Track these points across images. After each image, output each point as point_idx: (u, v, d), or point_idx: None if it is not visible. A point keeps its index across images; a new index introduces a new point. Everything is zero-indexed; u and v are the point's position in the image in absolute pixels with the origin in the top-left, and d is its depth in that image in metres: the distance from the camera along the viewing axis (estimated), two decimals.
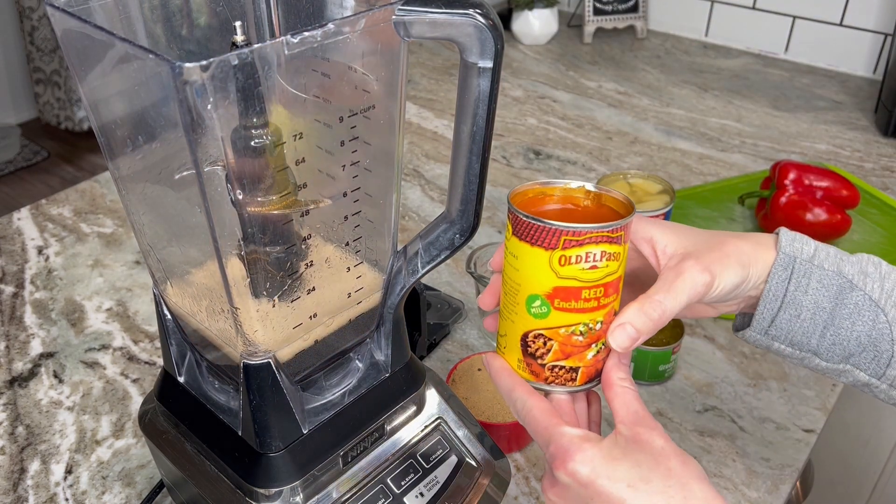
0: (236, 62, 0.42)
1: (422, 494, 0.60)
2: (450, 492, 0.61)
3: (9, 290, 0.99)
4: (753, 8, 1.69)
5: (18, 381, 0.86)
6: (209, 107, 0.42)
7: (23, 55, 3.35)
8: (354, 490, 0.59)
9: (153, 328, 0.93)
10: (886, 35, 1.57)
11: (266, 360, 0.53)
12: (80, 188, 1.21)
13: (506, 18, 1.78)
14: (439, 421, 0.64)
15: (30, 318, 0.95)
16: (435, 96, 1.54)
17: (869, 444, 1.16)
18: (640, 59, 1.71)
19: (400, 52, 0.51)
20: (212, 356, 0.58)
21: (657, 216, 0.93)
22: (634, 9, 1.78)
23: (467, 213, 0.55)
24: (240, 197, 0.47)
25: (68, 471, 0.76)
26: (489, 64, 0.49)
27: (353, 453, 0.59)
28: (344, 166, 0.52)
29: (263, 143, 0.47)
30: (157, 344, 0.91)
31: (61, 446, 0.78)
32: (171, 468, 0.61)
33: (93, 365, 0.88)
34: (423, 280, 0.88)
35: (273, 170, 0.48)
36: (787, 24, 1.67)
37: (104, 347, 0.90)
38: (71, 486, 0.74)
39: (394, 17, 0.48)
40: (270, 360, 0.53)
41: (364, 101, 0.51)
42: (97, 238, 1.09)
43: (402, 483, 0.60)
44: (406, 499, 0.60)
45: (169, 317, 0.59)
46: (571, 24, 1.86)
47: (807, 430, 0.80)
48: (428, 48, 1.76)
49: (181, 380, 0.60)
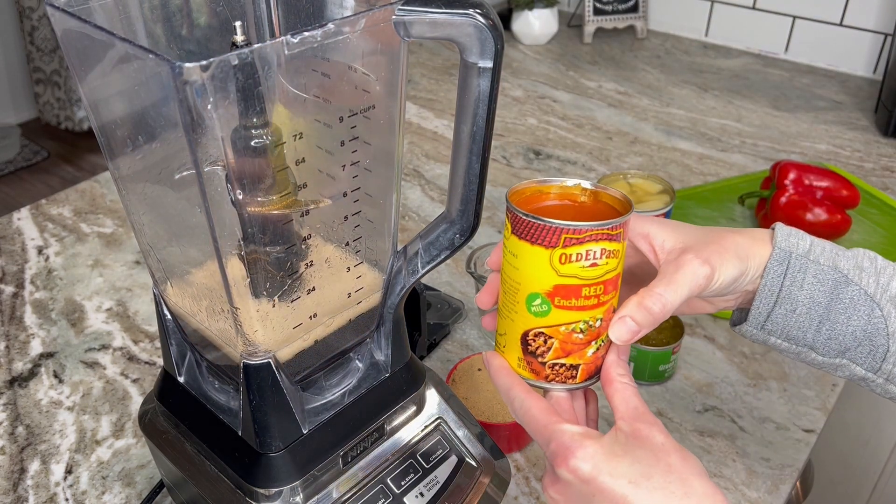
0: (236, 62, 0.42)
1: (422, 494, 0.60)
2: (450, 492, 0.61)
3: (9, 290, 0.99)
4: (753, 8, 1.69)
5: (18, 381, 0.86)
6: (209, 107, 0.42)
7: (23, 55, 3.35)
8: (354, 490, 0.59)
9: (153, 328, 0.93)
10: (886, 35, 1.57)
11: (266, 360, 0.53)
12: (80, 188, 1.21)
13: (506, 18, 1.78)
14: (439, 421, 0.64)
15: (30, 318, 0.95)
16: (435, 96, 1.54)
17: (869, 444, 1.16)
18: (640, 59, 1.71)
19: (400, 52, 0.51)
20: (212, 356, 0.58)
21: (657, 216, 0.93)
22: (634, 9, 1.78)
23: (467, 213, 0.55)
24: (240, 197, 0.47)
25: (68, 471, 0.76)
26: (489, 64, 0.49)
27: (353, 453, 0.59)
28: (344, 166, 0.52)
29: (263, 143, 0.47)
30: (157, 344, 0.91)
31: (61, 446, 0.78)
32: (171, 468, 0.61)
33: (93, 365, 0.88)
34: (423, 280, 0.88)
35: (273, 170, 0.48)
36: (787, 24, 1.67)
37: (104, 347, 0.90)
38: (71, 486, 0.74)
39: (394, 17, 0.48)
40: (270, 360, 0.53)
41: (364, 101, 0.51)
42: (97, 238, 1.09)
43: (402, 483, 0.60)
44: (406, 499, 0.60)
45: (169, 317, 0.59)
46: (571, 24, 1.86)
47: (807, 430, 0.80)
48: (428, 48, 1.76)
49: (181, 380, 0.60)
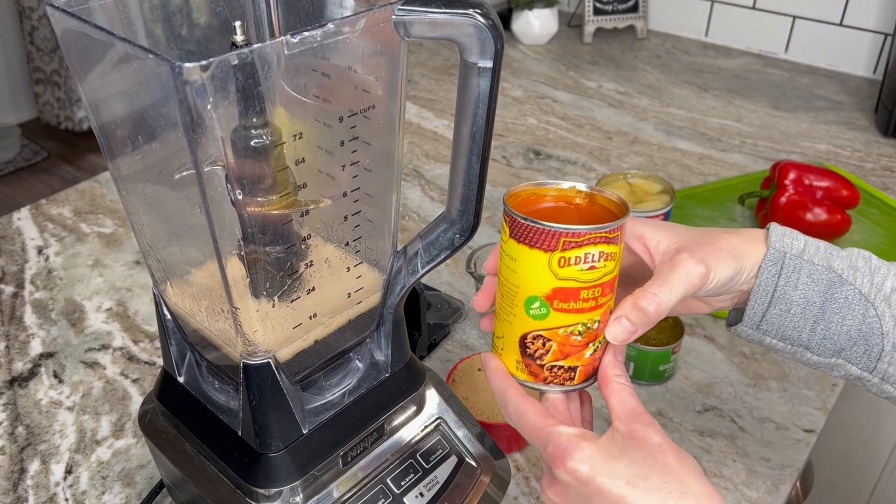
0: (236, 62, 0.42)
1: (422, 494, 0.60)
2: (450, 492, 0.61)
3: (9, 290, 0.99)
4: (753, 8, 1.69)
5: (18, 381, 0.86)
6: (209, 107, 0.42)
7: (23, 55, 3.35)
8: (354, 490, 0.59)
9: (153, 328, 0.93)
10: (886, 35, 1.57)
11: (266, 360, 0.53)
12: (80, 188, 1.21)
13: (506, 18, 1.78)
14: (439, 421, 0.64)
15: (30, 318, 0.95)
16: (435, 96, 1.54)
17: (869, 444, 1.16)
18: (640, 59, 1.71)
19: (400, 52, 0.51)
20: (212, 356, 0.58)
21: (657, 216, 0.93)
22: (634, 9, 1.78)
23: (467, 213, 0.55)
24: (240, 197, 0.47)
25: (68, 471, 0.76)
26: (489, 64, 0.49)
27: (353, 453, 0.59)
28: (344, 166, 0.52)
29: (263, 143, 0.47)
30: (157, 344, 0.91)
31: (61, 446, 0.78)
32: (171, 468, 0.61)
33: (93, 365, 0.88)
34: (423, 280, 0.88)
35: (273, 170, 0.48)
36: (787, 24, 1.67)
37: (104, 347, 0.90)
38: (71, 486, 0.74)
39: (394, 17, 0.48)
40: (270, 360, 0.53)
41: (364, 101, 0.51)
42: (97, 238, 1.09)
43: (402, 483, 0.60)
44: (406, 499, 0.60)
45: (169, 317, 0.59)
46: (571, 24, 1.86)
47: (807, 430, 0.80)
48: (428, 48, 1.76)
49: (181, 380, 0.60)
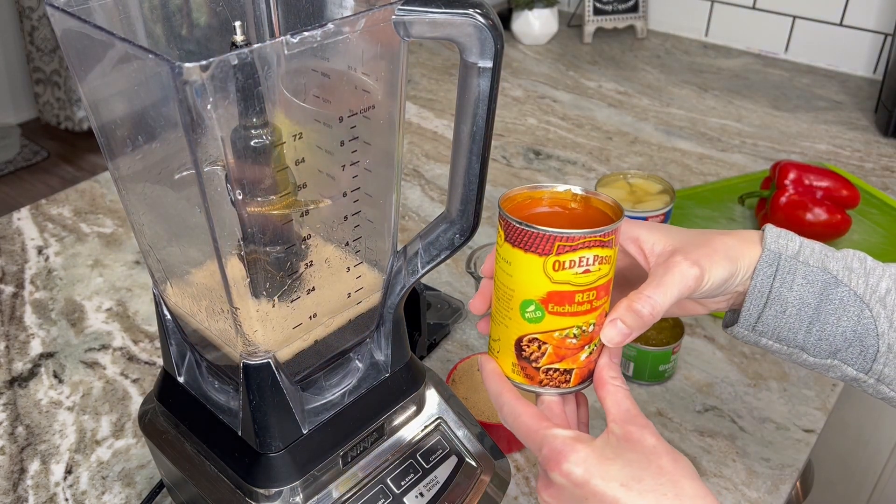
0: (236, 62, 0.42)
1: (422, 494, 0.60)
2: (450, 492, 0.61)
3: (9, 290, 0.99)
4: (753, 8, 1.69)
5: (18, 381, 0.86)
6: (209, 107, 0.42)
7: (23, 55, 3.35)
8: (354, 490, 0.59)
9: (153, 328, 0.93)
10: (886, 35, 1.57)
11: (266, 360, 0.53)
12: (80, 188, 1.21)
13: (506, 18, 1.78)
14: (439, 421, 0.64)
15: (30, 318, 0.95)
16: (435, 96, 1.54)
17: (869, 444, 1.16)
18: (640, 59, 1.71)
19: (400, 52, 0.51)
20: (212, 356, 0.58)
21: (657, 216, 0.93)
22: (634, 9, 1.78)
23: (467, 213, 0.55)
24: (240, 197, 0.47)
25: (68, 471, 0.76)
26: (489, 64, 0.49)
27: (353, 453, 0.59)
28: (344, 166, 0.52)
29: (263, 143, 0.47)
30: (157, 344, 0.91)
31: (61, 446, 0.78)
32: (171, 468, 0.61)
33: (93, 365, 0.88)
34: (423, 280, 0.88)
35: (273, 170, 0.48)
36: (787, 24, 1.67)
37: (104, 347, 0.90)
38: (71, 486, 0.74)
39: (394, 17, 0.48)
40: (270, 360, 0.53)
41: (364, 101, 0.51)
42: (97, 238, 1.09)
43: (402, 483, 0.60)
44: (406, 499, 0.60)
45: (169, 317, 0.59)
46: (571, 24, 1.86)
47: (807, 430, 0.80)
48: (428, 48, 1.76)
49: (181, 380, 0.60)
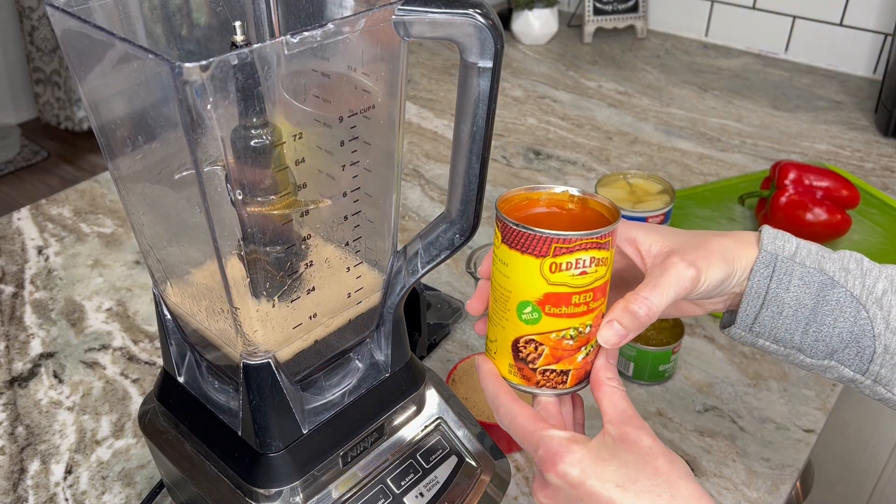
0: (236, 62, 0.42)
1: (422, 494, 0.60)
2: (450, 492, 0.61)
3: (9, 290, 0.99)
4: (753, 8, 1.69)
5: (18, 381, 0.86)
6: (209, 107, 0.42)
7: (23, 55, 3.35)
8: (354, 490, 0.59)
9: (153, 328, 0.93)
10: (886, 35, 1.57)
11: (266, 360, 0.53)
12: (80, 188, 1.21)
13: (506, 18, 1.78)
14: (439, 421, 0.64)
15: (30, 318, 0.95)
16: (435, 96, 1.54)
17: (869, 444, 1.16)
18: (640, 59, 1.71)
19: (400, 52, 0.51)
20: (212, 356, 0.58)
21: (657, 216, 0.93)
22: (634, 9, 1.78)
23: (467, 213, 0.55)
24: (240, 197, 0.47)
25: (68, 471, 0.76)
26: (489, 64, 0.49)
27: (353, 453, 0.59)
28: (344, 166, 0.52)
29: (263, 143, 0.47)
30: (157, 344, 0.91)
31: (61, 446, 0.78)
32: (171, 468, 0.61)
33: (93, 365, 0.88)
34: (423, 280, 0.88)
35: (273, 170, 0.48)
36: (787, 24, 1.67)
37: (104, 347, 0.90)
38: (71, 486, 0.74)
39: (394, 17, 0.48)
40: (270, 360, 0.53)
41: (364, 101, 0.51)
42: (97, 238, 1.09)
43: (402, 483, 0.60)
44: (406, 499, 0.60)
45: (169, 317, 0.59)
46: (571, 24, 1.86)
47: (807, 430, 0.80)
48: (428, 48, 1.76)
49: (181, 380, 0.60)
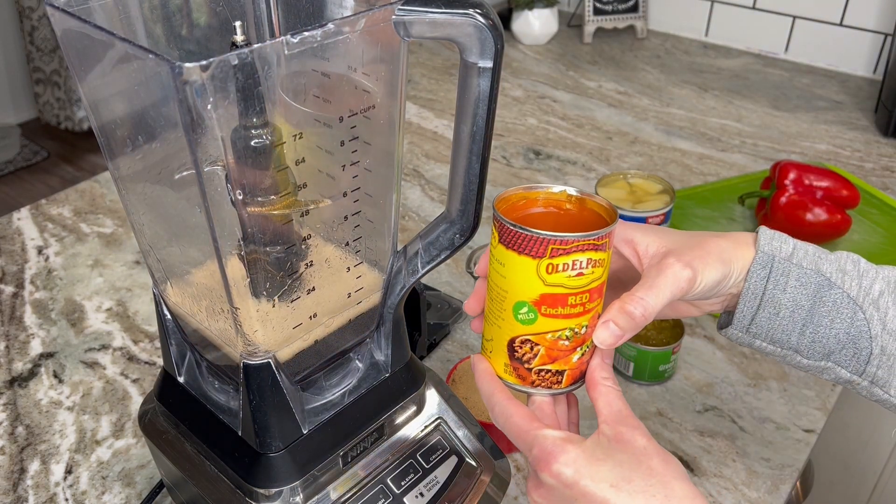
0: (236, 62, 0.42)
1: (422, 494, 0.60)
2: (450, 492, 0.61)
3: (9, 290, 0.99)
4: (753, 8, 1.69)
5: (18, 381, 0.86)
6: (209, 107, 0.42)
7: (23, 55, 3.35)
8: (354, 490, 0.59)
9: (153, 328, 0.93)
10: (886, 35, 1.57)
11: (266, 360, 0.53)
12: (80, 188, 1.21)
13: (506, 18, 1.78)
14: (439, 421, 0.64)
15: (30, 318, 0.95)
16: (435, 96, 1.54)
17: (869, 444, 1.16)
18: (640, 59, 1.71)
19: (400, 52, 0.51)
20: (212, 356, 0.58)
21: (657, 216, 0.93)
22: (634, 9, 1.78)
23: (467, 213, 0.55)
24: (240, 197, 0.47)
25: (68, 471, 0.76)
26: (489, 64, 0.49)
27: (353, 453, 0.59)
28: (344, 166, 0.52)
29: (263, 143, 0.47)
30: (157, 344, 0.91)
31: (61, 446, 0.78)
32: (171, 468, 0.61)
33: (93, 365, 0.88)
34: (423, 280, 0.88)
35: (273, 170, 0.48)
36: (787, 24, 1.67)
37: (104, 347, 0.90)
38: (71, 486, 0.74)
39: (394, 17, 0.48)
40: (270, 360, 0.53)
41: (364, 101, 0.51)
42: (97, 238, 1.09)
43: (402, 483, 0.60)
44: (406, 499, 0.60)
45: (169, 317, 0.59)
46: (571, 24, 1.86)
47: (807, 430, 0.80)
48: (428, 48, 1.76)
49: (181, 380, 0.60)
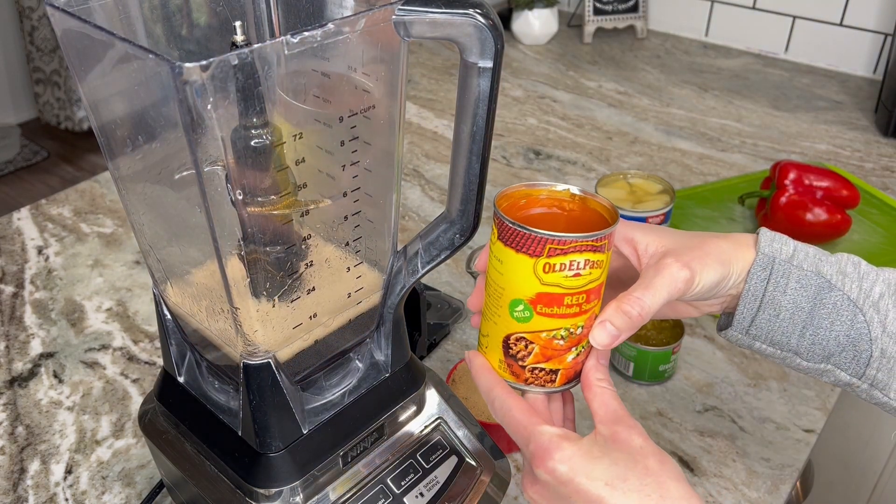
0: (236, 62, 0.42)
1: (422, 494, 0.60)
2: (450, 492, 0.61)
3: (9, 290, 0.99)
4: (753, 8, 1.69)
5: (18, 381, 0.86)
6: (209, 107, 0.42)
7: (23, 55, 3.35)
8: (354, 490, 0.59)
9: (153, 328, 0.93)
10: (886, 35, 1.57)
11: (266, 360, 0.53)
12: (80, 188, 1.21)
13: (506, 18, 1.78)
14: (439, 421, 0.64)
15: (30, 318, 0.95)
16: (435, 96, 1.54)
17: (869, 444, 1.16)
18: (640, 59, 1.71)
19: (400, 52, 0.51)
20: (212, 356, 0.58)
21: (657, 216, 0.93)
22: (634, 9, 1.78)
23: (467, 213, 0.55)
24: (240, 197, 0.47)
25: (68, 471, 0.76)
26: (489, 64, 0.49)
27: (353, 453, 0.59)
28: (344, 166, 0.52)
29: (263, 143, 0.47)
30: (157, 344, 0.91)
31: (61, 446, 0.78)
32: (171, 468, 0.61)
33: (93, 365, 0.88)
34: (423, 280, 0.88)
35: (273, 170, 0.48)
36: (787, 24, 1.67)
37: (104, 347, 0.90)
38: (71, 486, 0.74)
39: (394, 17, 0.48)
40: (270, 360, 0.53)
41: (364, 101, 0.51)
42: (97, 238, 1.09)
43: (402, 483, 0.60)
44: (406, 499, 0.60)
45: (169, 317, 0.59)
46: (571, 24, 1.86)
47: (807, 430, 0.80)
48: (428, 48, 1.76)
49: (181, 380, 0.60)
